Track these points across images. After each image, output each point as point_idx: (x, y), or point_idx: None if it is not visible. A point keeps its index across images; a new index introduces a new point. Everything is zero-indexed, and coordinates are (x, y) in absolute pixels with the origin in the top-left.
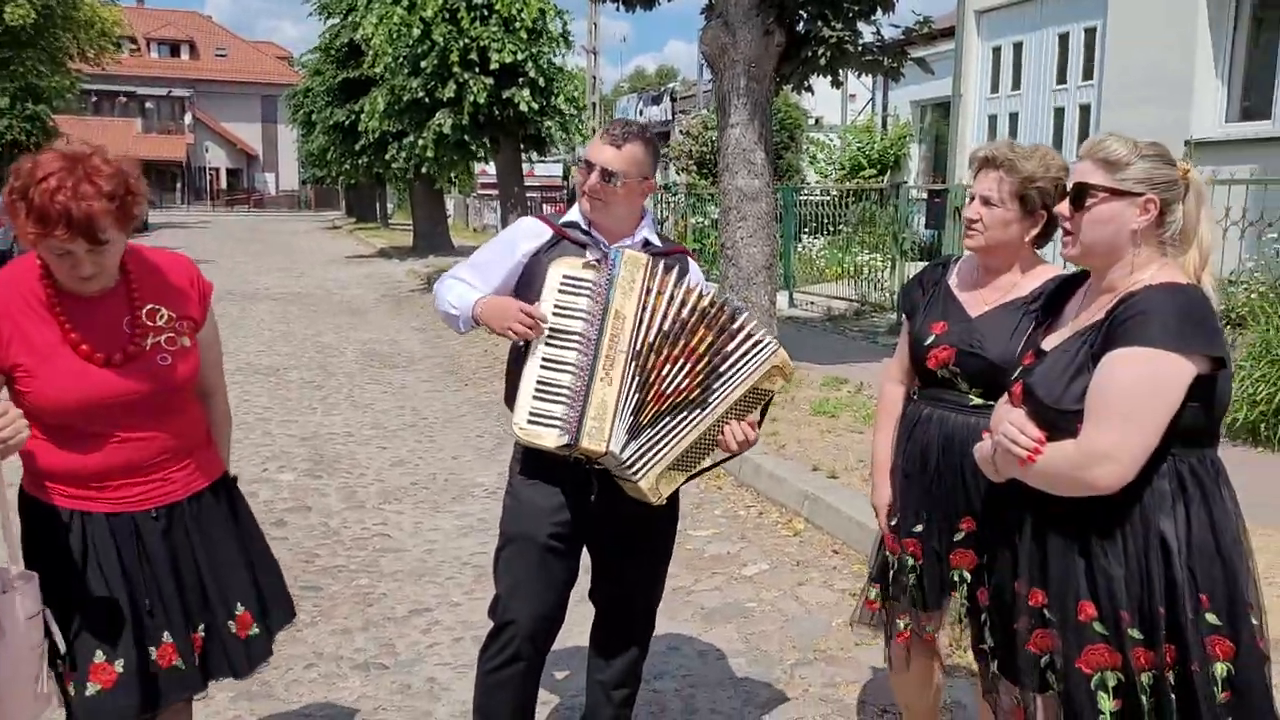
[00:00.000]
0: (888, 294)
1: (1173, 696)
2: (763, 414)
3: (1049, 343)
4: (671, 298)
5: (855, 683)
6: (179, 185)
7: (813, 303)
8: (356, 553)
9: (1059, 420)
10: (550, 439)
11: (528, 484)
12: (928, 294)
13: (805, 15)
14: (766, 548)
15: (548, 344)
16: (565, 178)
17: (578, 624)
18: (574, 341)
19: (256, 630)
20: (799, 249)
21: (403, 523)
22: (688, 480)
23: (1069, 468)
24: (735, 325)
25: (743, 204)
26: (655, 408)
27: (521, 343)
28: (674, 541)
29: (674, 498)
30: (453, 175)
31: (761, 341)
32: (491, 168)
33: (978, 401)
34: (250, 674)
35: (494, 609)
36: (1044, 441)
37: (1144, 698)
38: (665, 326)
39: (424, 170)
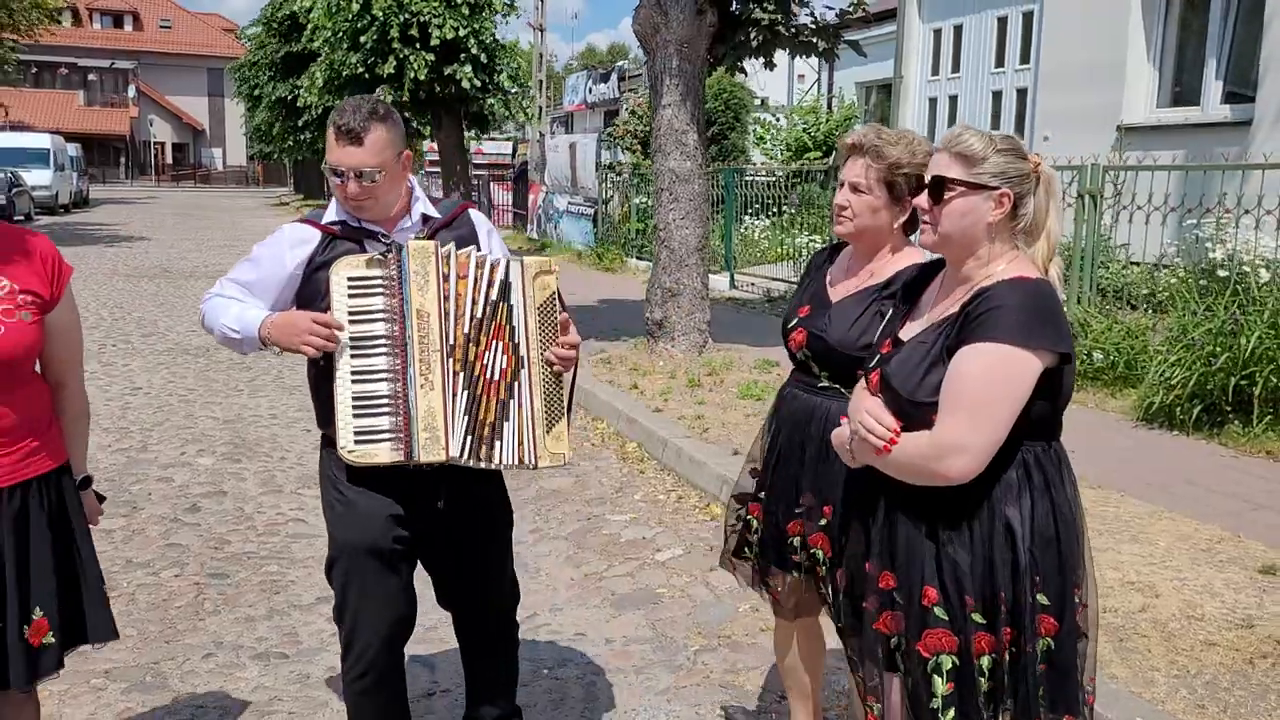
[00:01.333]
0: None
1: (1005, 677)
2: (563, 306)
3: (907, 332)
4: (476, 280)
5: (757, 669)
6: (122, 160)
7: (753, 284)
8: (269, 539)
9: (914, 411)
10: (384, 454)
11: (358, 490)
12: (809, 278)
13: None
14: (682, 533)
15: (353, 354)
16: (514, 155)
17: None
18: (380, 345)
19: (50, 640)
20: (741, 230)
21: (319, 508)
22: (568, 419)
23: (921, 459)
24: (488, 272)
25: (675, 185)
26: (491, 399)
27: (321, 359)
28: (510, 534)
29: (505, 492)
30: None
31: (503, 265)
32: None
33: (825, 384)
34: (29, 686)
35: (339, 618)
36: (899, 432)
37: (981, 679)
38: (478, 313)
39: None
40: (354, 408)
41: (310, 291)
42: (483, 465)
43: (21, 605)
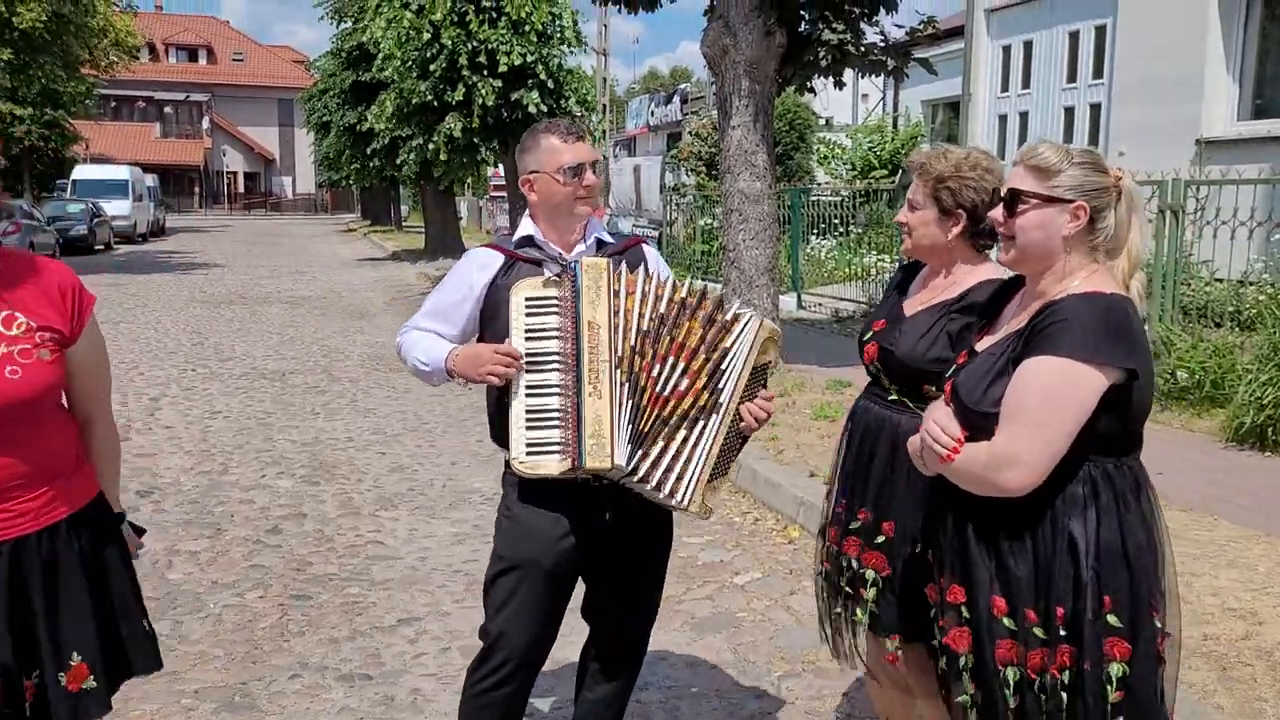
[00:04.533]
0: None
1: (1063, 696)
2: (765, 385)
3: (982, 345)
4: (644, 295)
5: (842, 695)
6: (197, 189)
7: (820, 304)
8: (349, 560)
9: (979, 421)
10: (553, 466)
11: (525, 506)
12: (887, 294)
13: (807, 16)
14: (760, 556)
15: (528, 371)
16: None
17: (568, 635)
18: (553, 362)
19: (93, 684)
20: (807, 250)
21: (397, 529)
22: (722, 479)
23: (981, 469)
24: (726, 316)
25: (744, 206)
26: (655, 411)
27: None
28: (667, 565)
29: (670, 518)
30: (463, 178)
31: (745, 319)
32: (502, 170)
33: (895, 397)
34: None
35: (486, 631)
36: (963, 441)
37: (1041, 696)
38: (644, 326)
39: (436, 174)
40: (527, 421)
41: (490, 310)
42: (646, 488)
43: (57, 653)
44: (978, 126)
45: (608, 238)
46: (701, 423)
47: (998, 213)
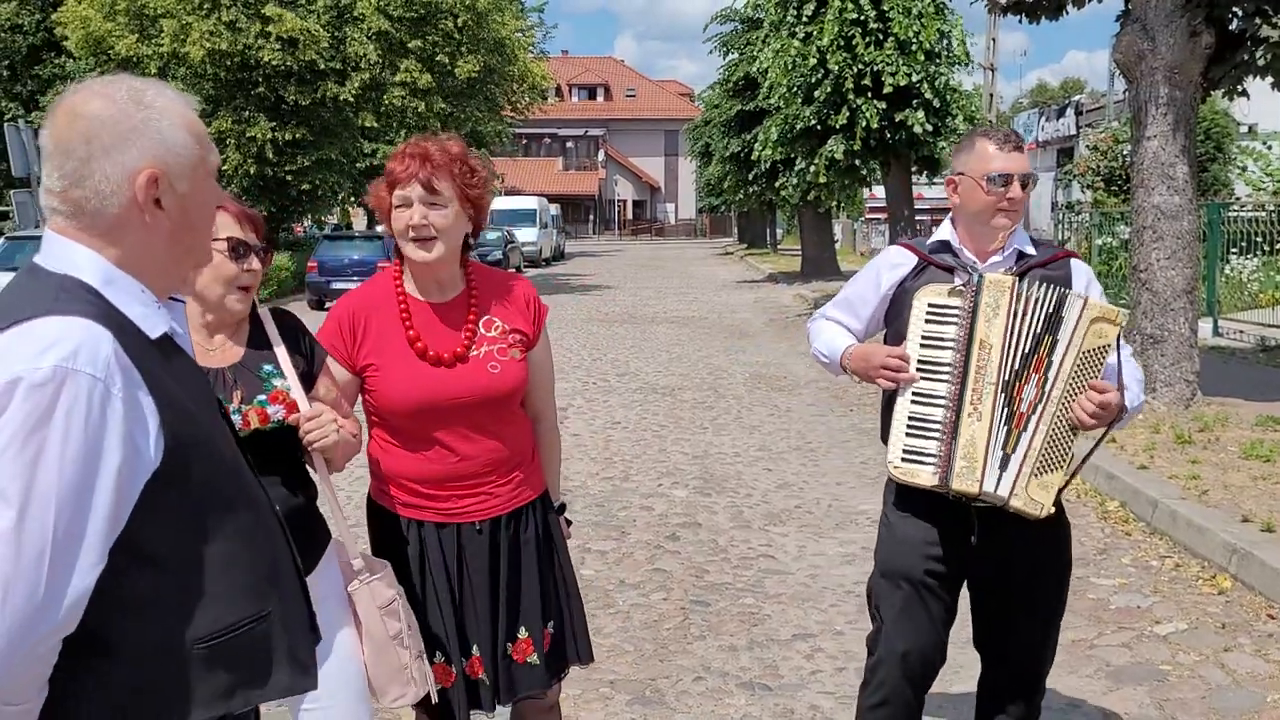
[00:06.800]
0: None
1: None
2: (1099, 370)
3: None
4: (1034, 318)
5: None
6: (591, 216)
7: (1242, 331)
8: (743, 572)
9: None
10: (925, 477)
11: (901, 515)
12: None
13: (1240, 13)
14: (1184, 605)
15: (918, 378)
16: None
17: (969, 667)
18: (944, 373)
19: (534, 660)
20: (1226, 271)
21: (787, 545)
22: (1068, 481)
23: None
24: (1050, 309)
25: (1160, 223)
26: (1018, 432)
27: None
28: (1065, 599)
29: (1067, 551)
30: (841, 200)
31: (1064, 301)
32: (880, 191)
33: None
34: (513, 701)
35: (870, 640)
36: None
37: None
38: (1026, 349)
39: (812, 196)
40: (908, 427)
41: (895, 310)
42: (1001, 503)
43: (510, 625)
44: None
45: (1030, 249)
46: (1031, 417)
47: None
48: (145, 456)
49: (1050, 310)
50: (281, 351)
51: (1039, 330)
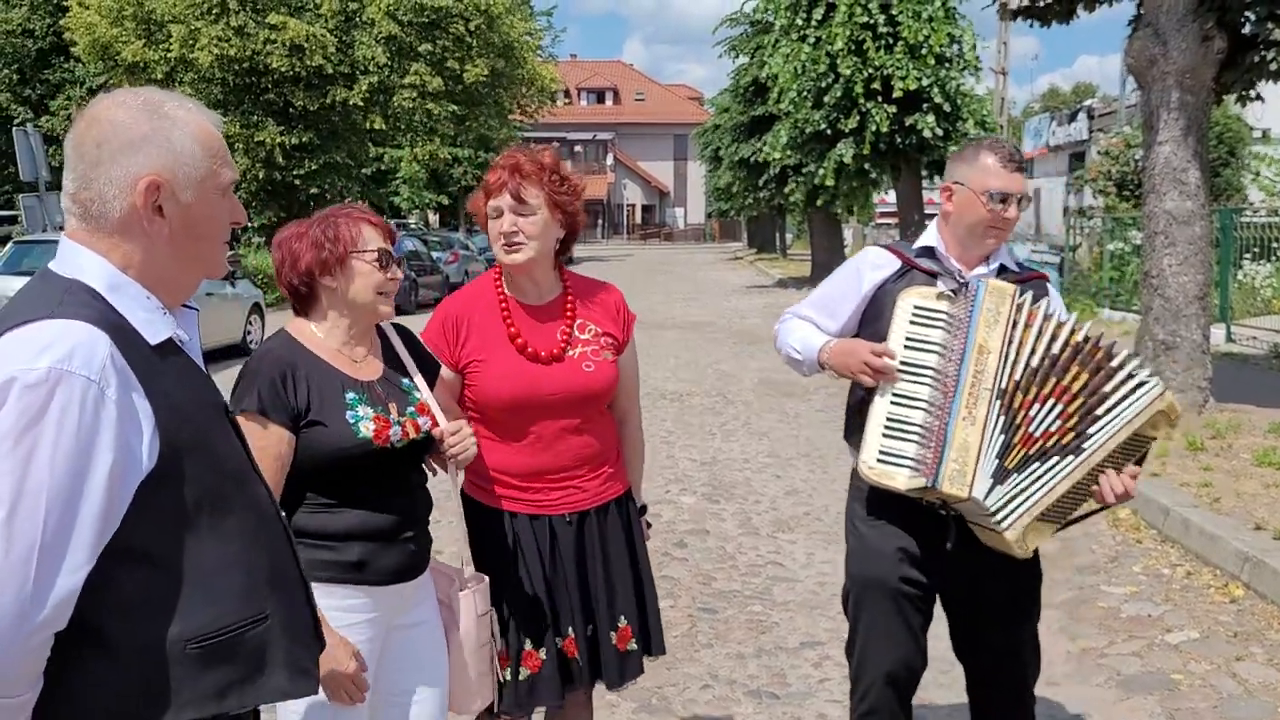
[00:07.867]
0: None
1: None
2: (1140, 461)
3: None
4: (1040, 332)
5: None
6: (599, 221)
7: (1255, 337)
8: (750, 579)
9: None
10: (901, 480)
11: (870, 523)
12: None
13: (1253, 16)
14: (1196, 614)
15: (899, 379)
16: None
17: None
18: (927, 377)
19: (634, 646)
20: (1239, 277)
21: (795, 553)
22: (1057, 532)
23: None
24: (1114, 364)
25: (1172, 228)
26: (1022, 450)
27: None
28: (1039, 606)
29: (1036, 551)
30: (851, 204)
31: (1145, 383)
32: (891, 196)
33: None
34: (620, 687)
35: (849, 653)
36: None
37: None
38: (1034, 363)
39: (821, 201)
40: (885, 428)
41: (874, 311)
42: (986, 523)
43: (611, 615)
44: None
45: (1012, 266)
46: (1056, 459)
47: None
48: (138, 459)
49: (1078, 342)
50: (412, 365)
51: (1059, 354)
